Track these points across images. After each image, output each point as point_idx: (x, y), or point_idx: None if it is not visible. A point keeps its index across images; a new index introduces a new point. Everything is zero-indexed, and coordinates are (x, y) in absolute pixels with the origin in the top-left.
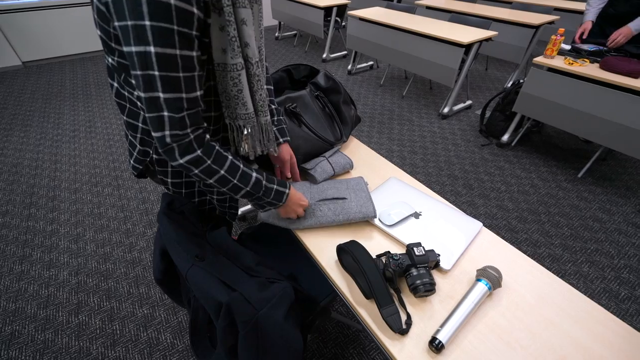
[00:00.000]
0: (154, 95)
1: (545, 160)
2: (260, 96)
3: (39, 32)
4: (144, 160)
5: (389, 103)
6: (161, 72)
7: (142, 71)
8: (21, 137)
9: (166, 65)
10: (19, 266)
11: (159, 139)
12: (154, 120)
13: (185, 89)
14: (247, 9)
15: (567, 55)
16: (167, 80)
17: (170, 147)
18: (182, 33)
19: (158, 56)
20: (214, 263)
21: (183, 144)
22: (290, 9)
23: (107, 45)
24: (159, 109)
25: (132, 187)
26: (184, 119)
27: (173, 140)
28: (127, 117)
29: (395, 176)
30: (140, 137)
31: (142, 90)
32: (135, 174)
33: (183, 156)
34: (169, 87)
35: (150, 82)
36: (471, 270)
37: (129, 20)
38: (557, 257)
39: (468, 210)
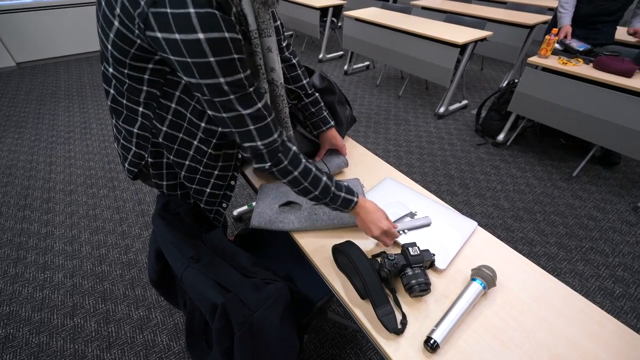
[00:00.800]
0: (236, 113)
1: (540, 159)
2: (285, 114)
3: (33, 32)
4: (139, 163)
5: (385, 103)
6: (235, 94)
7: (217, 98)
8: (15, 139)
9: (237, 87)
10: (13, 269)
11: (252, 148)
12: (244, 134)
13: (258, 99)
14: (272, 37)
15: (561, 54)
16: (242, 98)
17: (261, 153)
18: (240, 59)
19: (228, 84)
20: (210, 264)
21: (272, 150)
22: (286, 10)
23: (117, 60)
24: (246, 124)
25: (127, 188)
26: (268, 126)
27: (264, 147)
28: (122, 123)
29: (391, 176)
30: (136, 142)
31: (223, 112)
32: (130, 177)
33: (271, 160)
34: (246, 103)
35: (229, 104)
36: (466, 269)
37: (189, 58)
38: (552, 256)
39: (464, 210)
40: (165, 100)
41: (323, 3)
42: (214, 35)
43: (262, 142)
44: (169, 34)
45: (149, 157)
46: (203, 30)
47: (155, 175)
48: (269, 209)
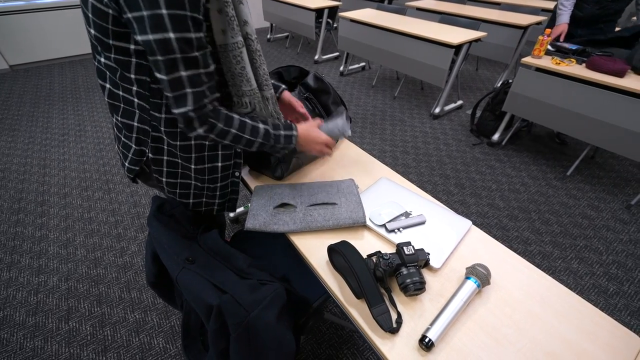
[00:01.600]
0: (177, 75)
1: (535, 158)
2: (264, 71)
3: (26, 34)
4: (140, 160)
5: (381, 104)
6: (182, 54)
7: (163, 56)
8: (8, 142)
9: (185, 47)
10: (7, 273)
11: (183, 114)
12: (179, 98)
13: (203, 65)
14: None
15: (554, 55)
16: (187, 60)
17: (191, 119)
18: (194, 18)
19: (178, 41)
20: (205, 266)
21: (203, 115)
22: (282, 11)
23: (102, 43)
24: (182, 86)
25: (123, 191)
26: (204, 92)
27: (196, 114)
28: (121, 118)
29: (387, 177)
30: (136, 137)
31: (165, 73)
32: (130, 176)
33: (202, 126)
34: (189, 66)
35: (173, 65)
36: (461, 268)
37: (145, 10)
38: (547, 254)
39: (460, 209)
40: (156, 85)
41: (318, 4)
42: None
43: (194, 106)
44: None
45: (150, 152)
46: None
47: (155, 171)
48: (264, 211)
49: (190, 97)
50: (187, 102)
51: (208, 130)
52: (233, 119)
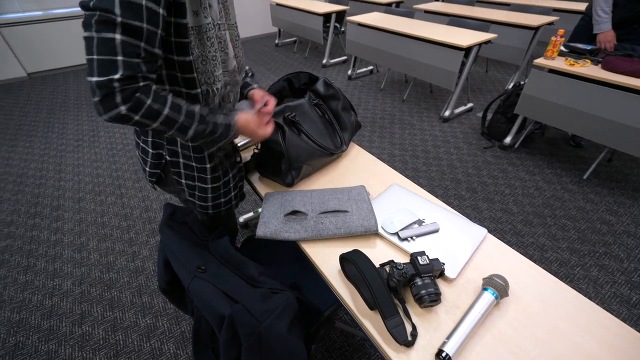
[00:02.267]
0: (109, 36)
1: (549, 162)
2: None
3: (43, 43)
4: (159, 163)
5: (390, 107)
6: (124, 18)
7: (102, 12)
8: (26, 147)
9: (129, 11)
10: (23, 276)
11: (103, 82)
12: (104, 62)
13: (146, 40)
14: None
15: (567, 56)
16: (128, 26)
17: (113, 91)
18: None
19: (122, 2)
20: (217, 274)
21: (128, 89)
22: (290, 16)
23: None
24: (112, 51)
25: (134, 195)
26: (139, 65)
27: (121, 85)
28: None
29: (397, 183)
30: (152, 141)
31: (95, 30)
32: (152, 180)
33: (125, 102)
34: (129, 32)
35: (107, 23)
36: (477, 278)
37: None
38: (564, 261)
39: (472, 215)
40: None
41: (326, 9)
42: None
43: (122, 74)
44: None
45: (167, 154)
46: None
47: (174, 173)
48: (275, 219)
49: (121, 65)
50: (115, 69)
51: (132, 109)
52: (166, 97)
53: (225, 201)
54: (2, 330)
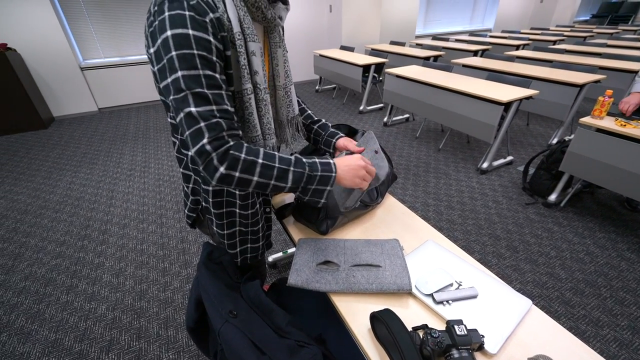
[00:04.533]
0: (187, 110)
1: (601, 225)
2: (267, 120)
3: (115, 83)
4: (196, 208)
5: (425, 155)
6: (190, 90)
7: (175, 95)
8: (87, 174)
9: (193, 83)
10: (65, 296)
11: (199, 150)
12: (193, 133)
13: (215, 103)
14: (257, 43)
15: (617, 116)
16: (196, 95)
17: (209, 155)
18: (202, 56)
19: (185, 78)
20: (246, 320)
21: (220, 149)
22: (331, 66)
23: (165, 104)
24: (195, 121)
25: (173, 226)
26: (219, 123)
27: (212, 147)
28: (183, 169)
29: (432, 238)
30: (192, 187)
31: (180, 110)
32: (189, 222)
33: (222, 162)
34: (199, 101)
35: (184, 101)
36: (520, 357)
37: (165, 57)
38: (625, 343)
39: (513, 276)
40: None
41: (366, 61)
42: (178, 31)
43: (209, 138)
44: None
45: (203, 201)
46: (171, 28)
47: (207, 219)
48: (307, 268)
49: (205, 130)
50: (202, 135)
51: (230, 166)
52: (258, 149)
53: (252, 248)
54: (39, 348)
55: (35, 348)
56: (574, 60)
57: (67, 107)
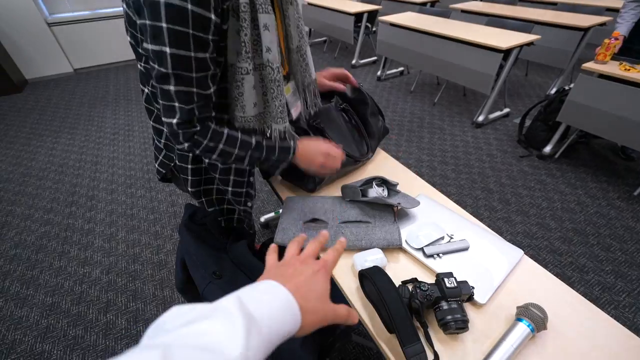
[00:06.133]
0: (166, 87)
1: (594, 175)
2: (280, 102)
3: (89, 41)
4: (167, 164)
5: (419, 110)
6: (174, 70)
7: (158, 67)
8: (68, 139)
9: (180, 65)
10: (58, 262)
11: (168, 125)
12: (166, 108)
13: (197, 86)
14: (270, 14)
15: (622, 60)
16: (179, 77)
17: (176, 133)
18: (197, 37)
19: (173, 57)
20: (231, 281)
21: (188, 133)
22: (321, 16)
23: (135, 50)
24: (171, 99)
25: (163, 190)
26: (192, 110)
27: (180, 128)
28: (154, 122)
29: (425, 193)
30: (165, 143)
31: (157, 82)
32: (158, 177)
33: (186, 141)
34: (181, 82)
35: (164, 78)
36: (510, 305)
37: (148, 20)
38: (608, 286)
39: (504, 228)
40: None
41: (358, 9)
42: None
43: (180, 120)
44: None
45: (177, 159)
46: None
47: (183, 178)
48: (293, 226)
49: (177, 111)
50: (174, 114)
51: (191, 146)
52: (222, 133)
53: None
54: (37, 312)
55: (33, 311)
56: (580, 1)
57: (41, 69)
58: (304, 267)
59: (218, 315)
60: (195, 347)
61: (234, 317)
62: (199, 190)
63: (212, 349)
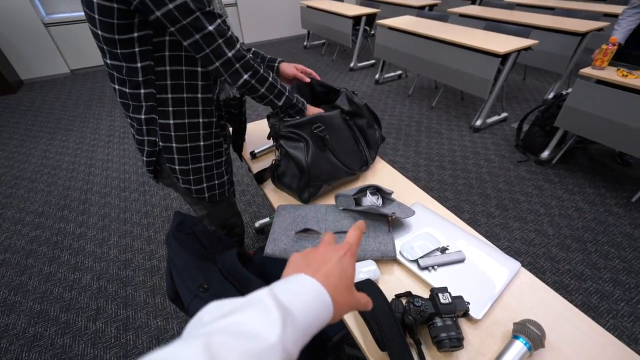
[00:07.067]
0: (207, 30)
1: (591, 181)
2: None
3: (86, 42)
4: (154, 151)
5: (417, 114)
6: (200, 10)
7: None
8: (62, 141)
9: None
10: (47, 267)
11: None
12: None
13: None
14: None
15: (620, 66)
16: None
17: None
18: None
19: (193, 1)
20: (219, 294)
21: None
22: (320, 19)
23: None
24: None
25: (157, 193)
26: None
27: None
28: (132, 114)
29: (421, 202)
30: (147, 129)
31: (196, 33)
32: (149, 169)
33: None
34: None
35: (197, 21)
36: (506, 321)
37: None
38: (606, 294)
39: (501, 234)
40: (160, 67)
41: (356, 12)
42: None
43: (231, 52)
44: None
45: (160, 140)
46: None
47: (167, 160)
48: (285, 236)
49: (224, 46)
50: (224, 49)
51: (252, 75)
52: (259, 65)
53: (219, 184)
54: (24, 319)
55: (20, 319)
56: (578, 7)
57: (37, 69)
58: (330, 252)
59: (253, 307)
60: (234, 334)
61: (269, 307)
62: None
63: (251, 335)
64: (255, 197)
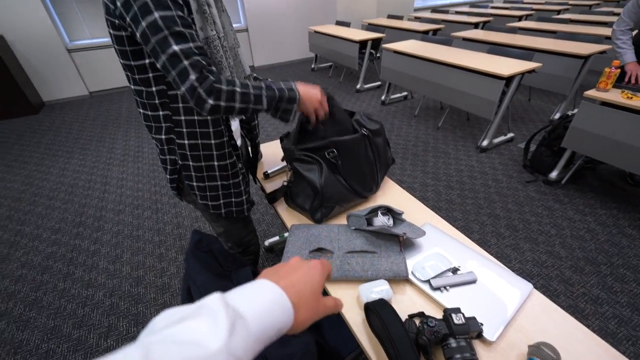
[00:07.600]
0: (170, 50)
1: (603, 201)
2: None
3: (105, 66)
4: (175, 169)
5: (424, 134)
6: (170, 29)
7: (155, 36)
8: (80, 160)
9: (170, 23)
10: (62, 283)
11: (188, 88)
12: (180, 73)
13: (192, 40)
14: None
15: (624, 88)
16: (175, 34)
17: (197, 91)
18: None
19: (162, 18)
20: None
21: (206, 84)
22: (327, 43)
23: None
24: (179, 60)
25: (169, 211)
26: (200, 61)
27: (199, 83)
28: (155, 135)
29: (430, 222)
30: (168, 148)
31: (162, 52)
32: (173, 186)
33: (209, 95)
34: (179, 39)
35: (165, 41)
36: (520, 343)
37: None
38: (625, 320)
39: (512, 255)
40: (172, 90)
41: (362, 37)
42: None
43: (195, 75)
44: None
45: (179, 159)
46: None
47: (186, 177)
48: (299, 255)
49: (189, 69)
50: (188, 74)
51: (216, 97)
52: (234, 80)
53: (237, 202)
54: (38, 335)
55: (35, 335)
56: (579, 30)
57: (57, 92)
58: (300, 263)
59: (202, 313)
60: (175, 343)
61: (217, 313)
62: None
63: (193, 343)
64: (265, 215)
